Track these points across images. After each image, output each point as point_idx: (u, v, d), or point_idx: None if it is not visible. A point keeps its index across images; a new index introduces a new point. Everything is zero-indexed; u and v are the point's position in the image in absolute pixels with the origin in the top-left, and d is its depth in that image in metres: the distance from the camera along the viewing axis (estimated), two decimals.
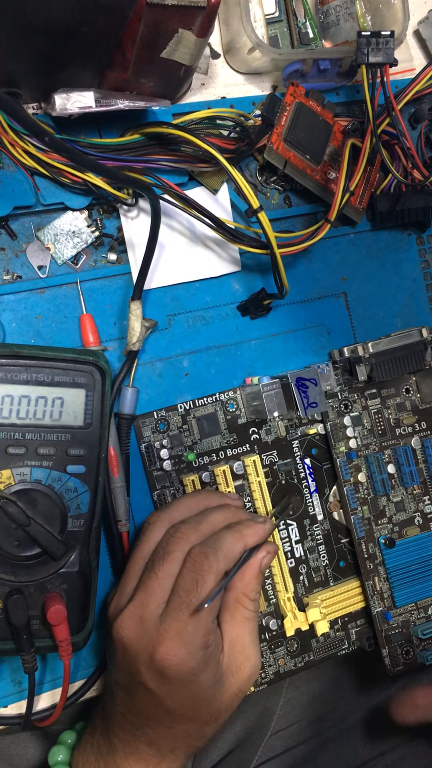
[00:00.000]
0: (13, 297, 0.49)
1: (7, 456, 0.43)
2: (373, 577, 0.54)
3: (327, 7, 0.56)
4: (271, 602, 0.53)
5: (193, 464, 0.52)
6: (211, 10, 0.41)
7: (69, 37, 0.40)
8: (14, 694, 0.48)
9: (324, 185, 0.54)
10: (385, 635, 0.54)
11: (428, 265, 0.61)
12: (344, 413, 0.55)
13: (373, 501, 0.55)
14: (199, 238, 0.53)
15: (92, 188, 0.48)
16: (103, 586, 0.49)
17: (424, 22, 0.61)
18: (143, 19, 0.40)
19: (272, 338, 0.56)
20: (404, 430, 0.56)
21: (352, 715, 0.66)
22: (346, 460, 0.54)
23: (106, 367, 0.45)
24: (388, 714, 0.55)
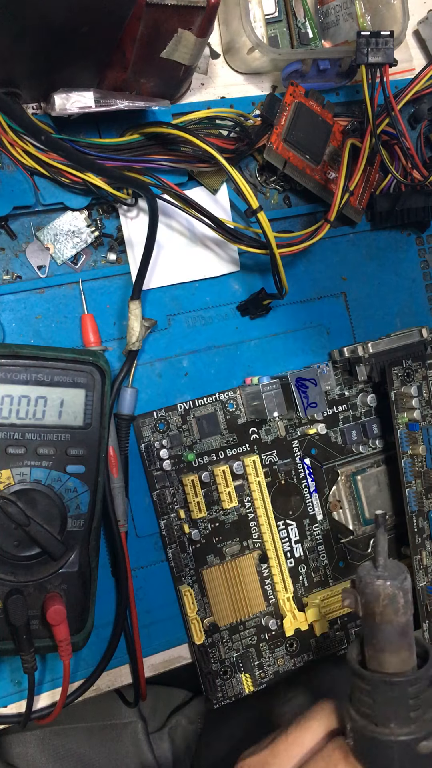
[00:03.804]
0: (13, 297, 0.49)
1: (6, 456, 0.43)
2: (420, 551, 0.54)
3: (326, 7, 0.56)
4: (271, 602, 0.53)
5: (193, 464, 0.52)
6: (211, 10, 0.41)
7: (69, 36, 0.40)
8: (14, 693, 0.48)
9: (323, 185, 0.54)
10: (428, 609, 0.54)
11: (428, 265, 0.61)
12: (408, 382, 0.53)
13: (426, 475, 0.54)
14: (199, 238, 0.53)
15: (92, 188, 0.48)
16: (102, 586, 0.49)
17: (423, 22, 0.61)
18: (143, 19, 0.40)
19: (272, 338, 0.56)
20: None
21: None
22: (406, 431, 0.53)
23: (106, 367, 0.45)
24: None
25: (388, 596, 0.33)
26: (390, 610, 0.33)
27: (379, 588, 0.33)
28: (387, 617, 0.33)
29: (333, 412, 0.56)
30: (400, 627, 0.33)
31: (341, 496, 0.56)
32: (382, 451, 0.57)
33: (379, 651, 0.34)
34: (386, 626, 0.33)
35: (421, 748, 0.33)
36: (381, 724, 0.33)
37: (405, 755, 0.33)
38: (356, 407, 0.57)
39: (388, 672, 0.34)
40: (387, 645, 0.33)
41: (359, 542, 0.56)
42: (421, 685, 0.33)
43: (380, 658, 0.34)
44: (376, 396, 0.57)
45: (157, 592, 0.52)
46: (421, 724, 0.33)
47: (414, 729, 0.33)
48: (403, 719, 0.33)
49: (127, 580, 0.49)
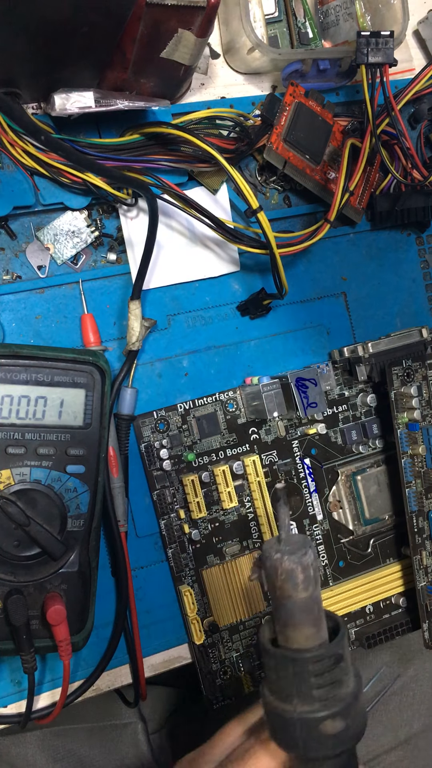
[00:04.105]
0: (13, 297, 0.49)
1: (6, 456, 0.43)
2: (420, 551, 0.54)
3: (326, 7, 0.56)
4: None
5: (193, 464, 0.52)
6: (211, 10, 0.41)
7: (69, 36, 0.40)
8: (14, 694, 0.48)
9: (323, 185, 0.54)
10: (428, 609, 0.54)
11: (428, 265, 0.61)
12: (408, 382, 0.53)
13: (426, 475, 0.54)
14: (199, 238, 0.53)
15: (92, 188, 0.48)
16: (102, 586, 0.49)
17: (423, 22, 0.61)
18: (143, 18, 0.40)
19: (272, 338, 0.56)
20: None
21: None
22: (406, 431, 0.53)
23: (106, 367, 0.45)
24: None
25: (286, 571, 0.32)
26: (288, 585, 0.32)
27: (276, 562, 0.32)
28: (287, 592, 0.32)
29: (333, 412, 0.56)
30: (301, 603, 0.33)
31: (341, 496, 0.56)
32: (382, 451, 0.57)
33: (282, 626, 0.33)
34: (287, 602, 0.33)
35: (325, 727, 0.32)
36: (285, 700, 0.33)
37: (308, 733, 0.32)
38: (356, 407, 0.57)
39: (291, 648, 0.33)
40: (289, 620, 0.33)
41: (359, 542, 0.56)
42: (324, 662, 0.33)
43: (285, 633, 0.33)
44: (376, 396, 0.57)
45: (157, 592, 0.52)
46: (326, 703, 0.32)
47: (318, 707, 0.32)
48: (305, 697, 0.32)
49: (127, 580, 0.49)
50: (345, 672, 0.33)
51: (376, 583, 0.55)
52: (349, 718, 0.33)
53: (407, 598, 0.56)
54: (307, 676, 0.32)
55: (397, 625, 0.56)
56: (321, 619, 0.34)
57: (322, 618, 0.34)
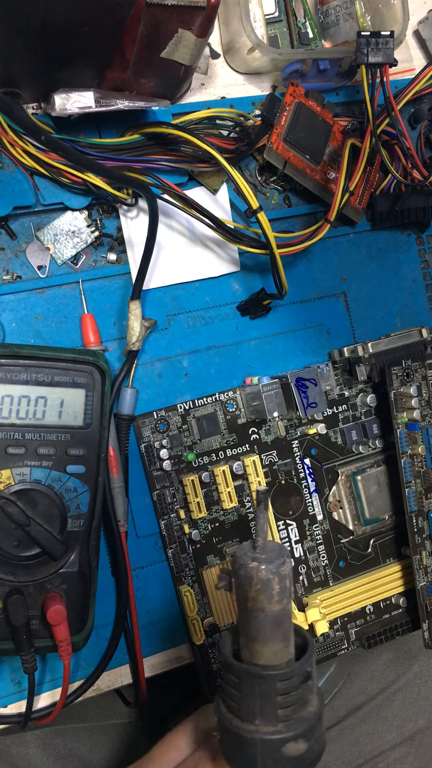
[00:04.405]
0: (13, 297, 0.49)
1: (6, 456, 0.43)
2: (420, 551, 0.54)
3: (327, 7, 0.56)
4: None
5: (193, 464, 0.52)
6: (211, 10, 0.41)
7: (69, 36, 0.40)
8: (14, 694, 0.48)
9: (324, 185, 0.54)
10: (428, 609, 0.54)
11: (428, 265, 0.61)
12: (408, 382, 0.52)
13: (426, 474, 0.54)
14: (199, 238, 0.53)
15: (92, 188, 0.48)
16: (102, 586, 0.49)
17: (423, 23, 0.61)
18: (143, 19, 0.40)
19: (272, 338, 0.56)
20: None
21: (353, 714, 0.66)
22: (406, 431, 0.53)
23: (106, 367, 0.45)
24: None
25: (262, 581, 0.30)
26: (263, 596, 0.30)
27: (252, 571, 0.30)
28: (259, 604, 0.30)
29: (333, 412, 0.56)
30: (274, 616, 0.30)
31: (341, 496, 0.56)
32: (382, 451, 0.57)
33: (250, 640, 0.31)
34: (258, 614, 0.30)
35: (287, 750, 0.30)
36: (246, 719, 0.30)
37: (268, 755, 0.30)
38: (356, 407, 0.57)
39: (258, 664, 0.31)
40: (258, 634, 0.30)
41: (359, 542, 0.56)
42: (293, 680, 0.30)
43: (251, 647, 0.31)
44: (375, 396, 0.57)
45: (157, 592, 0.52)
46: (290, 724, 0.30)
47: (281, 728, 0.30)
48: (269, 716, 0.30)
49: (127, 580, 0.49)
50: (311, 691, 0.31)
51: (376, 583, 0.55)
52: (312, 739, 0.31)
53: (407, 598, 0.56)
54: (273, 695, 0.30)
55: (397, 625, 0.56)
56: (291, 633, 0.31)
57: (291, 633, 0.32)
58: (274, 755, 0.30)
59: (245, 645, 0.31)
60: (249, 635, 0.31)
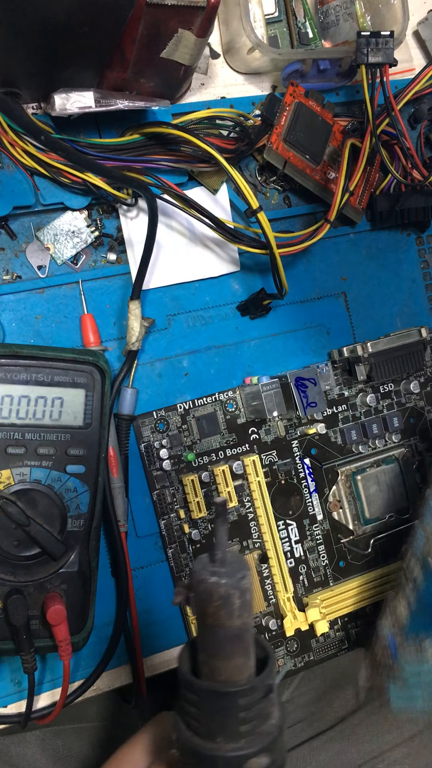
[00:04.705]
0: (13, 297, 0.49)
1: (6, 456, 0.43)
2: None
3: (326, 7, 0.56)
4: (271, 602, 0.53)
5: (193, 464, 0.52)
6: (211, 10, 0.41)
7: (69, 36, 0.40)
8: (14, 694, 0.48)
9: (323, 185, 0.54)
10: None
11: (428, 265, 0.61)
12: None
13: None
14: (199, 237, 0.53)
15: (92, 188, 0.48)
16: (102, 586, 0.49)
17: (423, 23, 0.61)
18: (143, 19, 0.40)
19: (272, 338, 0.56)
20: None
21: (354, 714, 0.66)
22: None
23: (106, 367, 0.45)
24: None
25: (222, 597, 0.28)
26: (223, 612, 0.28)
27: (211, 587, 0.28)
28: (219, 620, 0.29)
29: (333, 412, 0.56)
30: (234, 631, 0.29)
31: (341, 496, 0.56)
32: (382, 451, 0.57)
33: (210, 656, 0.29)
34: (218, 630, 0.29)
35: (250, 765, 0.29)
36: (206, 737, 0.29)
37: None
38: (356, 407, 0.57)
39: (218, 680, 0.29)
40: (219, 650, 0.29)
41: (359, 542, 0.56)
42: (254, 696, 0.29)
43: (211, 664, 0.29)
44: (375, 396, 0.57)
45: (157, 592, 0.52)
46: (252, 739, 0.29)
47: (243, 744, 0.29)
48: (231, 733, 0.29)
49: (127, 580, 0.49)
50: (273, 704, 0.30)
51: (377, 583, 0.55)
52: (275, 752, 0.30)
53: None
54: (235, 712, 0.29)
55: None
56: (251, 647, 0.30)
57: (252, 647, 0.30)
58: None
59: (204, 661, 0.30)
60: (208, 651, 0.30)
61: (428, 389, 0.59)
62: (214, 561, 0.29)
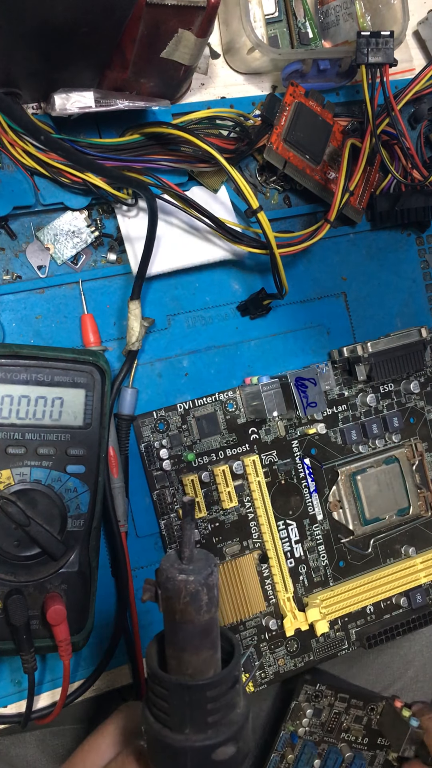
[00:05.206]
0: (13, 297, 0.49)
1: (6, 456, 0.43)
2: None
3: (327, 7, 0.56)
4: (271, 602, 0.53)
5: (193, 464, 0.52)
6: (211, 10, 0.41)
7: (69, 37, 0.40)
8: (14, 694, 0.48)
9: (324, 185, 0.54)
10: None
11: (428, 265, 0.61)
12: None
13: None
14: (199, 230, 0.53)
15: (92, 188, 0.48)
16: (102, 586, 0.49)
17: (423, 23, 0.61)
18: (143, 19, 0.40)
19: (272, 338, 0.56)
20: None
21: None
22: None
23: (106, 367, 0.45)
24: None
25: (190, 593, 0.29)
26: (191, 608, 0.29)
27: (180, 584, 0.29)
28: (188, 616, 0.29)
29: (333, 412, 0.56)
30: (202, 626, 0.30)
31: (341, 496, 0.56)
32: (382, 451, 0.57)
33: (178, 651, 0.30)
34: (187, 625, 0.30)
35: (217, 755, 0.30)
36: (175, 729, 0.30)
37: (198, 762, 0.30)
38: (356, 407, 0.57)
39: (187, 674, 0.30)
40: (187, 645, 0.30)
41: (359, 542, 0.56)
42: (222, 687, 0.30)
43: (180, 658, 0.30)
44: (375, 396, 0.57)
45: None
46: (219, 729, 0.30)
47: (210, 734, 0.30)
48: (199, 724, 0.30)
49: (127, 580, 0.49)
50: (238, 693, 0.32)
51: (377, 583, 0.55)
52: (241, 741, 0.31)
53: (408, 598, 0.56)
54: (204, 704, 0.30)
55: (397, 626, 0.56)
56: (218, 641, 0.31)
57: (218, 640, 0.31)
58: (204, 762, 0.30)
59: (173, 656, 0.31)
60: (177, 646, 0.30)
61: (428, 389, 0.59)
62: (182, 559, 0.30)
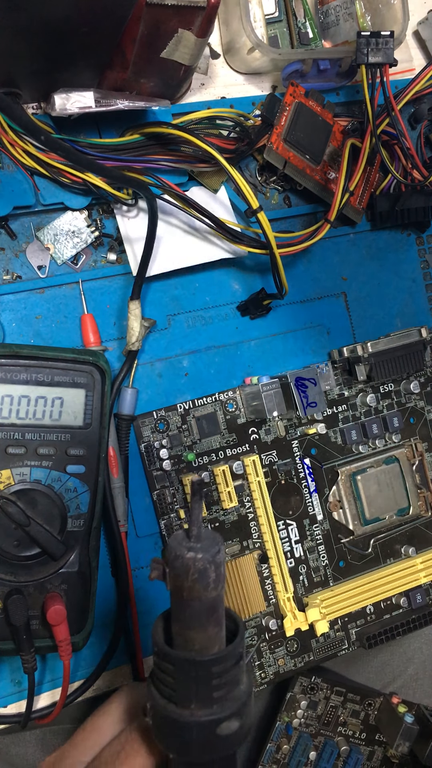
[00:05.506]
0: (13, 297, 0.49)
1: (6, 456, 0.43)
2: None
3: (327, 7, 0.56)
4: (271, 602, 0.53)
5: (193, 464, 0.52)
6: (211, 10, 0.41)
7: (69, 37, 0.40)
8: (14, 694, 0.48)
9: (324, 185, 0.54)
10: None
11: (428, 265, 0.61)
12: None
13: None
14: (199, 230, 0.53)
15: (92, 188, 0.48)
16: (102, 586, 0.49)
17: (423, 23, 0.61)
18: (143, 19, 0.40)
19: (272, 338, 0.56)
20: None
21: None
22: None
23: (106, 367, 0.45)
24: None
25: (198, 570, 0.30)
26: (199, 585, 0.30)
27: (188, 561, 0.30)
28: (195, 593, 0.30)
29: (333, 412, 0.56)
30: (209, 603, 0.31)
31: (341, 496, 0.56)
32: (382, 451, 0.57)
33: (185, 628, 0.31)
34: (194, 602, 0.30)
35: (221, 729, 0.31)
36: (181, 704, 0.31)
37: (203, 736, 0.31)
38: (356, 407, 0.57)
39: (193, 650, 0.31)
40: (194, 622, 0.31)
41: (359, 542, 0.56)
42: (227, 663, 0.31)
43: (186, 635, 0.31)
44: (375, 396, 0.57)
45: (157, 592, 0.52)
46: (223, 704, 0.31)
47: (215, 710, 0.31)
48: (204, 700, 0.31)
49: (127, 580, 0.49)
50: (242, 670, 0.33)
51: (377, 583, 0.55)
52: (244, 716, 0.32)
53: (408, 598, 0.56)
54: (209, 679, 0.31)
55: (397, 626, 0.56)
56: (223, 618, 0.32)
57: (224, 617, 0.32)
58: (208, 736, 0.31)
59: (179, 633, 0.32)
60: (184, 623, 0.31)
61: (428, 389, 0.59)
62: (189, 537, 0.31)
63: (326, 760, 0.59)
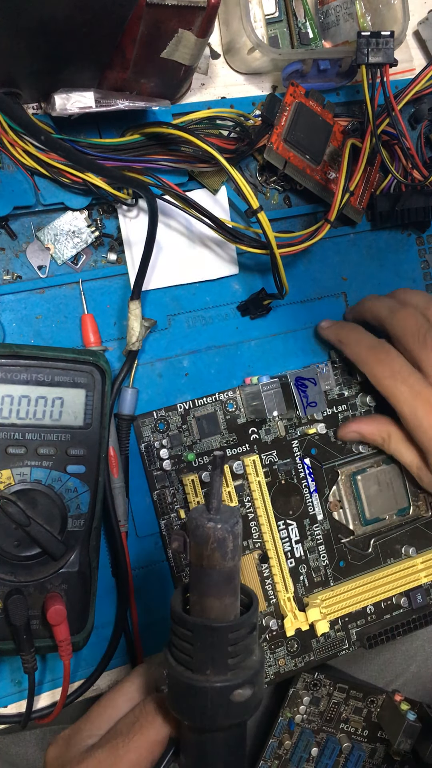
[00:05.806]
0: (13, 297, 0.49)
1: (7, 456, 0.43)
2: None
3: (327, 8, 0.56)
4: (271, 602, 0.53)
5: (193, 464, 0.52)
6: (211, 10, 0.41)
7: (69, 37, 0.40)
8: (14, 694, 0.48)
9: (324, 185, 0.54)
10: None
11: (428, 265, 0.61)
12: None
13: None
14: (198, 238, 0.53)
15: (92, 188, 0.48)
16: (103, 586, 0.49)
17: (423, 23, 0.61)
18: (143, 19, 0.40)
19: (272, 338, 0.56)
20: None
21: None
22: None
23: (106, 367, 0.45)
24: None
25: (218, 539, 0.32)
26: (218, 554, 0.32)
27: (209, 531, 0.32)
28: (214, 561, 0.32)
29: (333, 412, 0.56)
30: (227, 572, 0.33)
31: (341, 496, 0.56)
32: (381, 450, 0.57)
33: (203, 596, 0.33)
34: (213, 571, 0.32)
35: (234, 696, 0.33)
36: (197, 670, 0.33)
37: (218, 702, 0.33)
38: (356, 407, 0.57)
39: (210, 617, 0.33)
40: (212, 590, 0.33)
41: (360, 542, 0.56)
42: (241, 631, 0.33)
43: (204, 603, 0.33)
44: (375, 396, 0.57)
45: (157, 592, 0.52)
46: (238, 672, 0.33)
47: (230, 676, 0.33)
48: (220, 666, 0.33)
49: (127, 580, 0.49)
50: (255, 641, 0.34)
51: (377, 583, 0.55)
52: (256, 685, 0.33)
53: (408, 598, 0.56)
54: (225, 646, 0.33)
55: (398, 626, 0.56)
56: (239, 589, 0.34)
57: (239, 588, 0.34)
58: (222, 702, 0.33)
59: (197, 601, 0.33)
60: (202, 591, 0.33)
61: None
62: (209, 509, 0.33)
63: (328, 757, 0.59)
